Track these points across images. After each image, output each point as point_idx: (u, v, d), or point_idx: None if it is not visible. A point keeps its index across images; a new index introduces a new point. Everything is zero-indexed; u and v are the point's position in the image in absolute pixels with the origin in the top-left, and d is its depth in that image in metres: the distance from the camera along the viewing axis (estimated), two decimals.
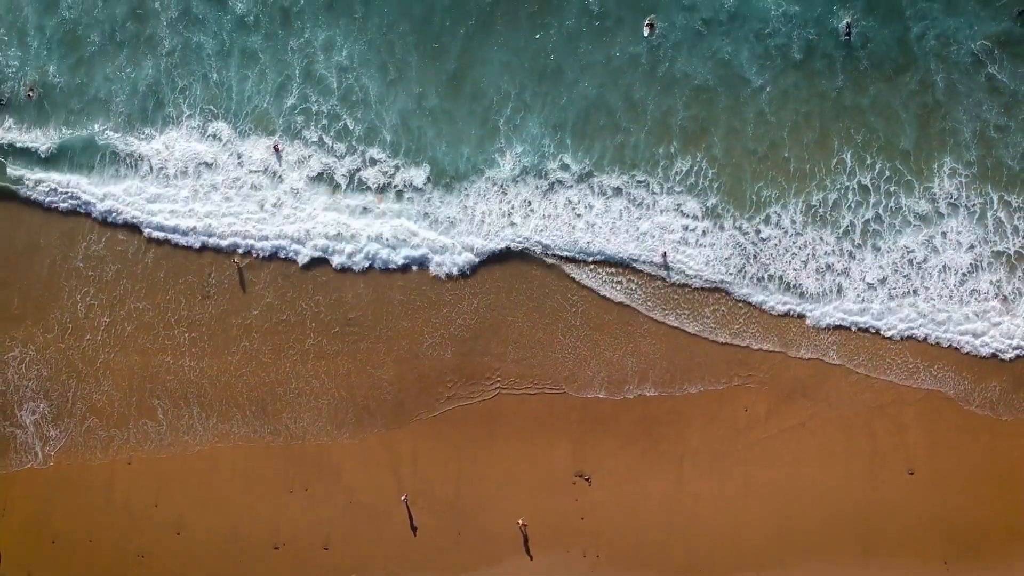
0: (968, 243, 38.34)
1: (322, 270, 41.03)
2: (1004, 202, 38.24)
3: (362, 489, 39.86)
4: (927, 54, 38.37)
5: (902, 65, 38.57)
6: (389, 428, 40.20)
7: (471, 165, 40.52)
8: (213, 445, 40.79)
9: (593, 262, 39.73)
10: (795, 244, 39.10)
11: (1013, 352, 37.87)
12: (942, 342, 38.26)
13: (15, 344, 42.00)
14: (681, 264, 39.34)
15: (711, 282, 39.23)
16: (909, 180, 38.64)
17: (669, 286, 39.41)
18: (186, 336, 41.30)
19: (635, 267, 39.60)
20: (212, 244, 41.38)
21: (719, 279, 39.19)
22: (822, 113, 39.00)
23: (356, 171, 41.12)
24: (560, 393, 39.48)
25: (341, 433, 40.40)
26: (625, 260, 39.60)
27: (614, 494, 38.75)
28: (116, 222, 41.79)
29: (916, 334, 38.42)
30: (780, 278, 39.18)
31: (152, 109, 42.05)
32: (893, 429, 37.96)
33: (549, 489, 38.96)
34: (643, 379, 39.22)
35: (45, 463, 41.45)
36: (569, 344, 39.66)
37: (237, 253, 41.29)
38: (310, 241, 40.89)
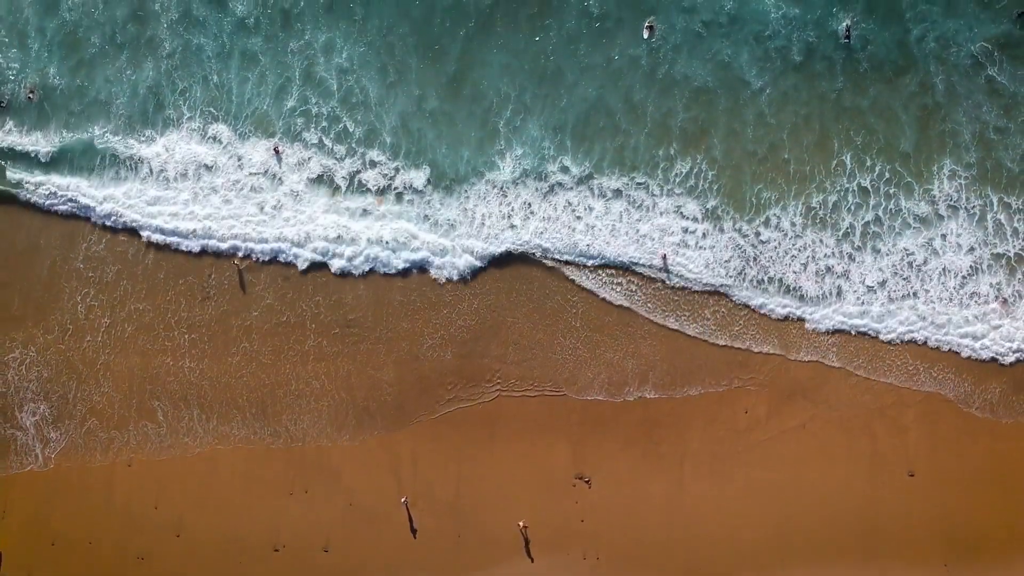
0: (968, 245, 38.28)
1: (322, 272, 41.02)
2: (1004, 204, 38.19)
3: (362, 491, 39.84)
4: (927, 56, 38.32)
5: (902, 67, 38.53)
6: (389, 430, 40.18)
7: (471, 167, 40.49)
8: (213, 447, 40.78)
9: (593, 266, 39.76)
10: (795, 246, 39.05)
11: (1013, 356, 37.82)
12: (942, 346, 38.24)
13: (15, 345, 41.96)
14: (681, 267, 39.33)
15: (711, 285, 39.22)
16: (909, 182, 38.61)
17: (669, 288, 39.42)
18: (186, 337, 41.28)
19: (635, 270, 39.63)
20: (212, 247, 41.33)
21: (719, 282, 39.17)
22: (822, 115, 38.96)
23: (356, 173, 41.08)
24: (560, 395, 39.46)
25: (341, 435, 40.37)
26: (625, 264, 39.60)
27: (614, 496, 38.73)
28: (116, 226, 41.75)
29: (916, 337, 38.39)
30: (780, 280, 39.12)
31: (152, 111, 42.01)
32: (893, 431, 37.95)
33: (549, 491, 38.95)
34: (643, 381, 39.20)
35: (45, 465, 41.42)
36: (569, 346, 39.66)
37: (237, 255, 41.31)
38: (310, 244, 40.85)
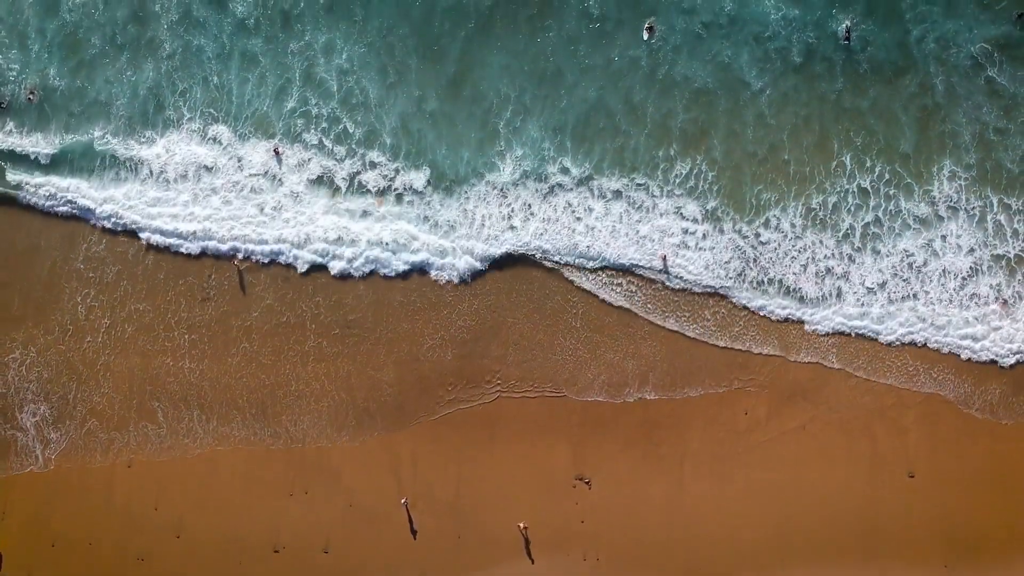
0: (968, 246, 38.30)
1: (322, 273, 40.99)
2: (1004, 205, 38.23)
3: (362, 492, 39.82)
4: (927, 57, 38.34)
5: (902, 68, 38.55)
6: (389, 431, 40.17)
7: (471, 168, 40.47)
8: (213, 448, 40.74)
9: (593, 268, 39.73)
10: (795, 248, 39.05)
11: (1014, 358, 37.84)
12: (942, 347, 38.27)
13: (16, 346, 41.89)
14: (680, 268, 39.31)
15: (711, 287, 39.21)
16: (909, 183, 38.62)
17: (669, 290, 39.40)
18: (186, 338, 41.25)
19: (635, 271, 39.63)
20: (212, 249, 41.25)
21: (719, 284, 39.17)
22: (822, 116, 38.97)
23: (356, 174, 41.04)
24: (560, 396, 39.46)
25: (341, 436, 40.35)
26: (625, 266, 39.58)
27: (614, 497, 38.73)
28: (116, 229, 41.66)
29: (916, 339, 38.41)
30: (780, 282, 39.13)
31: (152, 112, 41.95)
32: (893, 432, 37.97)
33: (549, 492, 38.95)
34: (643, 382, 39.20)
35: (46, 466, 41.33)
36: (569, 346, 39.66)
37: (237, 256, 41.30)
38: (310, 245, 40.82)
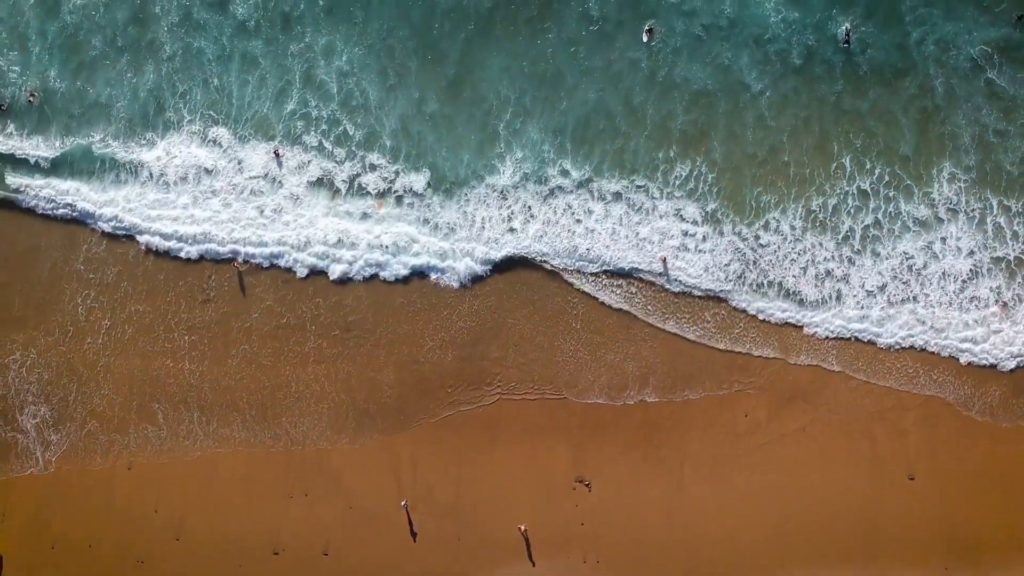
0: (968, 249, 38.27)
1: (323, 275, 40.91)
2: (1003, 207, 38.21)
3: (362, 494, 39.81)
4: (926, 59, 38.34)
5: (901, 70, 38.55)
6: (389, 433, 40.15)
7: (471, 170, 40.46)
8: (213, 450, 40.72)
9: (593, 272, 39.69)
10: (794, 250, 39.02)
11: (1014, 361, 37.80)
12: (942, 351, 38.21)
13: (16, 347, 41.91)
14: (680, 270, 39.27)
15: (710, 291, 39.18)
16: (908, 185, 38.62)
17: (669, 292, 39.34)
18: (186, 339, 41.24)
19: (635, 275, 39.61)
20: (211, 252, 41.21)
21: (718, 287, 39.14)
22: (822, 118, 38.97)
23: (356, 176, 41.04)
24: (561, 398, 39.44)
25: (341, 438, 40.32)
26: (625, 270, 39.53)
27: (614, 499, 38.72)
28: (116, 232, 41.66)
29: (916, 342, 38.36)
30: (779, 284, 39.09)
31: (153, 114, 41.97)
32: (893, 434, 37.94)
33: (549, 494, 38.93)
34: (644, 384, 39.18)
35: (46, 468, 41.32)
36: (570, 348, 39.64)
37: (237, 259, 41.27)
38: (310, 248, 40.80)
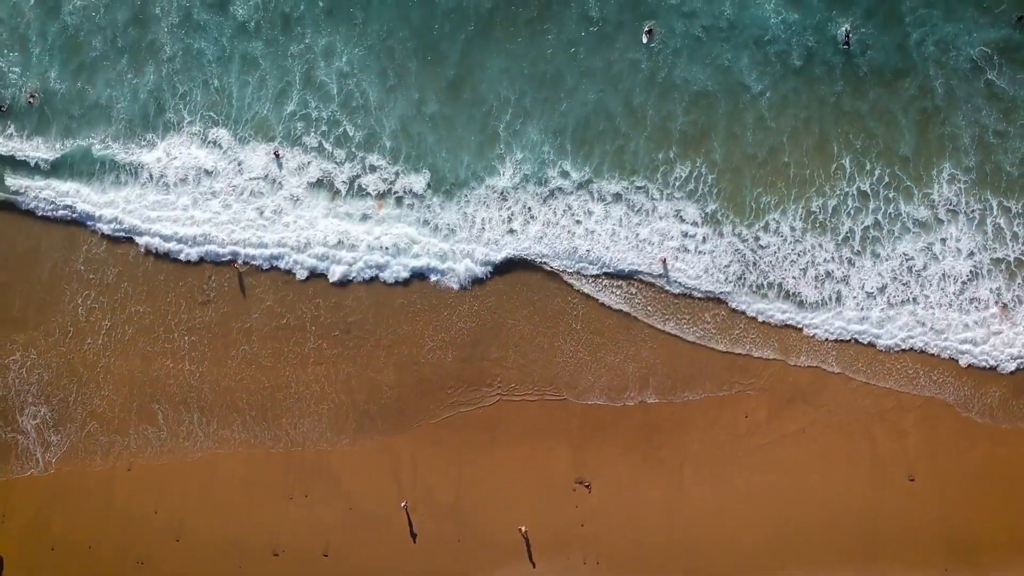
0: (967, 250, 38.25)
1: (322, 278, 40.86)
2: (1003, 208, 38.20)
3: (362, 495, 39.80)
4: (926, 60, 38.35)
5: (901, 71, 38.57)
6: (389, 434, 40.14)
7: (471, 172, 40.46)
8: (213, 451, 40.71)
9: (593, 274, 39.67)
10: (794, 251, 39.00)
11: (1014, 363, 37.77)
12: (942, 352, 38.19)
13: (16, 348, 41.91)
14: (680, 272, 39.25)
15: (710, 292, 39.16)
16: (908, 186, 38.62)
17: (669, 294, 39.33)
18: (186, 340, 41.24)
19: (635, 276, 39.60)
20: (211, 254, 41.21)
21: (718, 289, 39.12)
22: (821, 119, 38.98)
23: (356, 177, 41.04)
24: (561, 399, 39.44)
25: (341, 439, 40.31)
26: (625, 271, 39.52)
27: (614, 500, 38.71)
28: (116, 234, 41.65)
29: (915, 344, 38.34)
30: (779, 286, 39.08)
31: (153, 115, 41.98)
32: (893, 435, 37.93)
33: (549, 495, 38.92)
34: (644, 385, 39.17)
35: (46, 470, 41.31)
36: (570, 349, 39.63)
37: (237, 261, 41.27)
38: (310, 249, 40.78)
